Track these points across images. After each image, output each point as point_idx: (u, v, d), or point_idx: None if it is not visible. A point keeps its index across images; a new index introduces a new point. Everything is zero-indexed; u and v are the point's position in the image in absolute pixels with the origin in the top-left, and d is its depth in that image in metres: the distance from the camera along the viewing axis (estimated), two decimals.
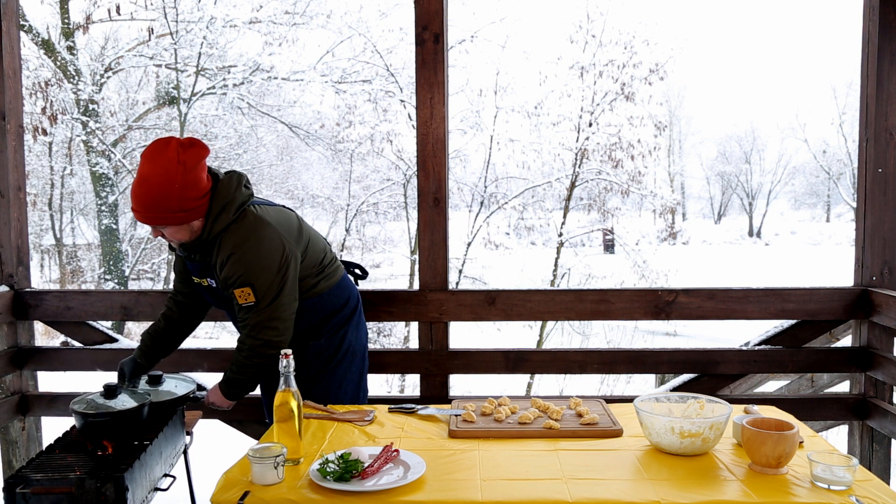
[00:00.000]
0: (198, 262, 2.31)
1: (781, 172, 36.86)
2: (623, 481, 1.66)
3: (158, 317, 2.55)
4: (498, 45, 10.85)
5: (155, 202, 2.13)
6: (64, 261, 14.83)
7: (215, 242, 2.23)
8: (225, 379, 2.37)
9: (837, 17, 50.02)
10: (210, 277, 2.31)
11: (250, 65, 11.02)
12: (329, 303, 2.44)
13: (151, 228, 2.23)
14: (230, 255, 2.19)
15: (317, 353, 2.43)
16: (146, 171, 2.14)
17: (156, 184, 2.12)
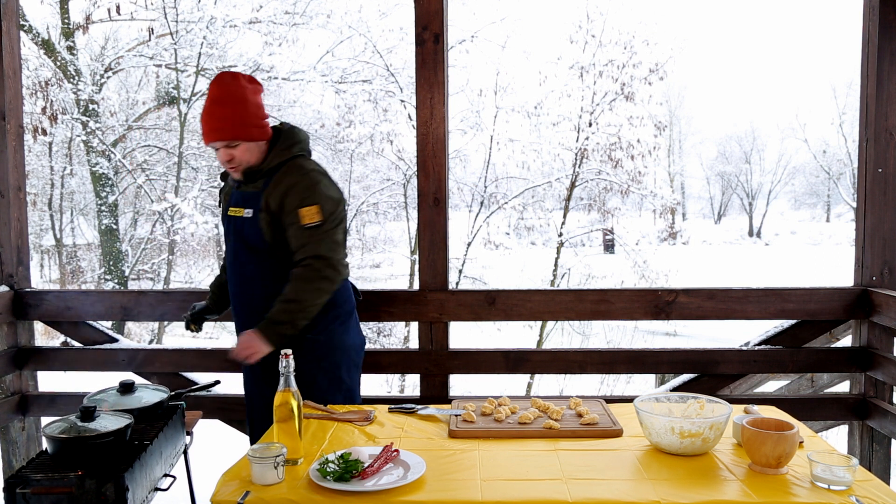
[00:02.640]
0: (246, 191, 2.37)
1: (781, 172, 36.88)
2: (623, 481, 1.66)
3: (220, 270, 2.68)
4: (498, 45, 10.86)
5: (233, 116, 2.27)
6: (64, 261, 14.83)
7: (273, 173, 2.33)
8: (268, 318, 2.28)
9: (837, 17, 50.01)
10: (252, 207, 2.34)
11: (250, 65, 11.01)
12: (337, 294, 2.44)
13: (222, 151, 2.30)
14: (300, 179, 2.31)
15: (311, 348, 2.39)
16: (220, 91, 2.29)
17: (232, 100, 2.28)
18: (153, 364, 3.14)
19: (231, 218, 2.43)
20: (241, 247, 2.39)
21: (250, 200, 2.36)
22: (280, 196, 2.30)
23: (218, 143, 2.30)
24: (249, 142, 2.31)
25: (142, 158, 12.40)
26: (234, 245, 2.42)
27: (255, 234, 2.34)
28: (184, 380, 3.15)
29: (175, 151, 11.84)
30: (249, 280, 2.40)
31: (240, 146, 2.30)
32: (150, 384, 2.31)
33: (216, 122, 2.28)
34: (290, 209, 2.29)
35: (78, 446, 1.77)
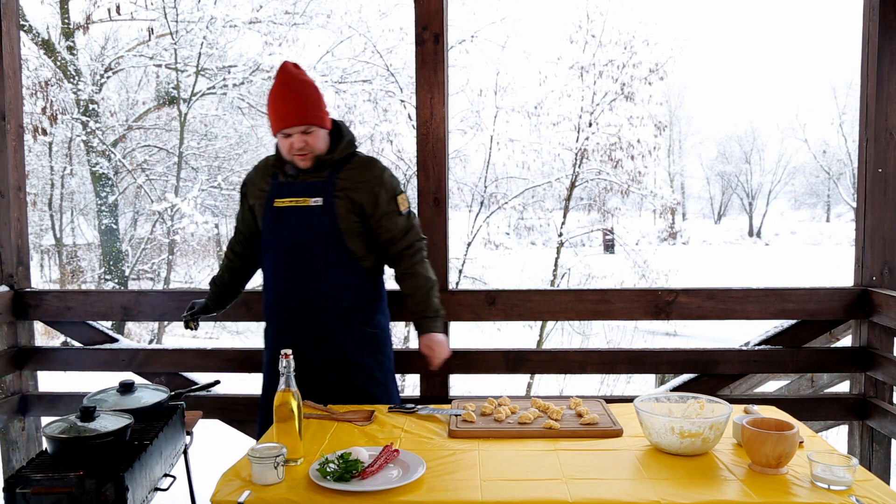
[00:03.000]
0: (308, 181, 2.35)
1: (781, 172, 36.89)
2: (623, 481, 1.66)
3: (221, 269, 2.66)
4: (498, 45, 10.85)
5: (308, 102, 2.30)
6: (64, 261, 14.82)
7: (341, 164, 2.37)
8: (431, 310, 2.42)
9: (837, 17, 50.01)
10: (321, 196, 2.32)
11: (250, 65, 11.01)
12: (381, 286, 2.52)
13: (297, 138, 2.29)
14: (382, 171, 2.41)
15: (371, 342, 2.44)
16: (292, 78, 2.30)
17: (306, 87, 2.31)
18: (153, 364, 3.14)
19: (287, 209, 2.35)
20: (308, 237, 2.34)
21: (317, 189, 2.33)
22: (370, 189, 2.35)
23: (295, 129, 2.28)
24: (322, 129, 2.34)
25: (142, 158, 12.40)
26: (294, 236, 2.35)
27: (329, 222, 2.32)
28: (184, 380, 3.15)
29: (175, 151, 11.84)
30: (317, 271, 2.35)
31: (313, 133, 2.31)
32: (150, 384, 2.30)
33: (295, 108, 2.27)
34: (387, 199, 2.37)
35: (78, 446, 1.77)
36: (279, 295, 2.41)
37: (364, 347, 2.41)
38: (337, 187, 2.33)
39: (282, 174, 2.40)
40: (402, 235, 2.40)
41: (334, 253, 2.33)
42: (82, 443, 1.77)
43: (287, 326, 2.40)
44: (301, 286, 2.36)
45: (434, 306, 2.43)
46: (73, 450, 1.77)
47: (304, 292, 2.36)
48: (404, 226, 2.41)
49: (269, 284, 2.44)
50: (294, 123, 2.27)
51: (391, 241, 2.40)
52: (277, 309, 2.43)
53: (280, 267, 2.39)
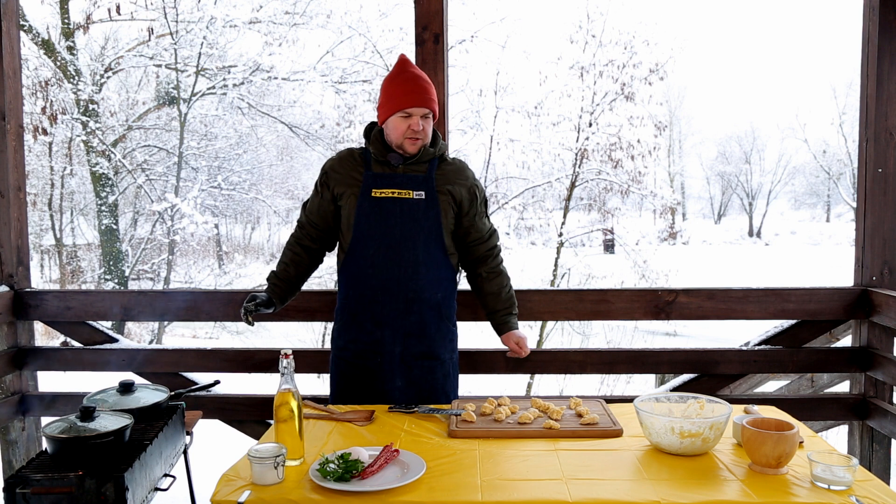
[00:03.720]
0: (409, 174, 2.38)
1: (781, 172, 36.90)
2: (623, 481, 1.66)
3: (285, 263, 2.56)
4: (498, 45, 10.86)
5: (432, 90, 2.39)
6: (64, 261, 14.83)
7: (437, 160, 2.42)
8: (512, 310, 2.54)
9: (837, 17, 50.03)
10: (422, 190, 2.36)
11: (250, 65, 11.02)
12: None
13: (418, 120, 2.34)
14: (471, 171, 2.50)
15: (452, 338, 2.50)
16: (414, 67, 2.41)
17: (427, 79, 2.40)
18: (153, 364, 3.14)
19: (389, 200, 2.35)
20: (412, 228, 2.35)
21: (418, 183, 2.37)
22: (468, 188, 2.43)
23: (420, 110, 2.33)
24: (434, 120, 2.41)
25: (142, 158, 12.41)
26: (398, 227, 2.34)
27: (433, 215, 2.36)
28: (184, 380, 3.14)
29: (175, 151, 11.85)
30: (417, 263, 2.35)
31: (429, 120, 2.37)
32: (150, 384, 2.30)
33: (423, 90, 2.34)
34: (480, 200, 2.48)
35: (78, 446, 1.77)
36: (375, 286, 2.37)
37: (447, 343, 2.46)
38: (438, 182, 2.38)
39: (377, 164, 2.40)
40: (489, 237, 2.50)
41: (433, 247, 2.37)
42: (82, 443, 1.77)
43: (381, 319, 2.37)
44: (400, 278, 2.35)
45: (516, 304, 2.56)
46: (73, 450, 1.77)
47: (403, 284, 2.36)
48: (490, 227, 2.52)
49: (361, 275, 2.39)
50: (421, 104, 2.33)
51: (479, 240, 2.48)
52: (370, 301, 2.38)
53: (378, 258, 2.36)
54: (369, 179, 2.37)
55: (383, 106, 2.38)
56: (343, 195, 2.41)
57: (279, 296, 2.55)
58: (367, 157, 2.42)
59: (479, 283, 2.53)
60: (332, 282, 12.64)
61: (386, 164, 2.39)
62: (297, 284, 2.59)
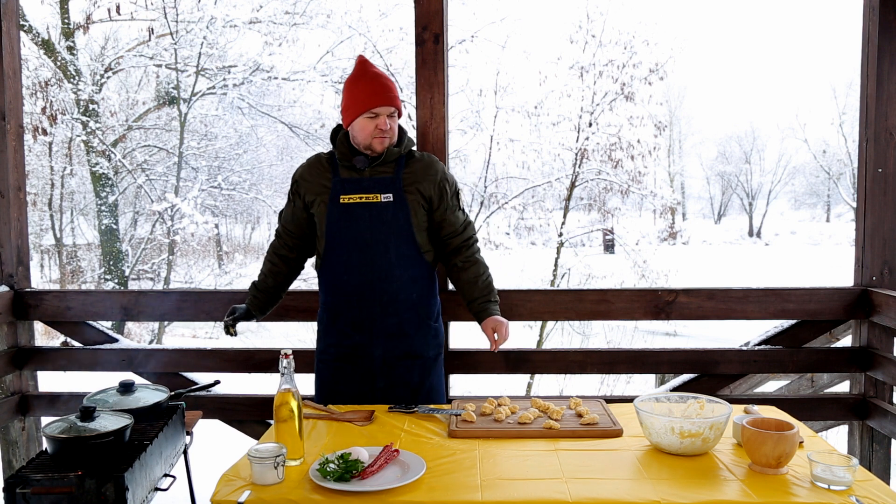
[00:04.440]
0: (376, 176, 2.38)
1: (781, 172, 36.89)
2: (623, 481, 1.66)
3: (264, 274, 2.59)
4: (498, 45, 10.85)
5: (395, 89, 2.40)
6: (64, 261, 14.82)
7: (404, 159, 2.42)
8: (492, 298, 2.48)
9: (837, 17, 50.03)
10: (390, 192, 2.36)
11: (250, 65, 11.01)
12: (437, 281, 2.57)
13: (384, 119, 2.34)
14: (440, 165, 2.48)
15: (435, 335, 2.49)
16: (374, 66, 2.41)
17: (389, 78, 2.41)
18: (153, 364, 3.14)
19: (357, 206, 2.36)
20: (382, 232, 2.36)
21: (386, 185, 2.37)
22: (437, 184, 2.42)
23: (386, 109, 2.33)
24: (399, 118, 2.41)
25: (142, 158, 12.41)
26: (367, 231, 2.36)
27: (402, 217, 2.36)
28: (184, 380, 3.15)
29: (175, 151, 11.84)
30: (390, 265, 2.37)
31: (394, 119, 2.37)
32: (150, 384, 2.30)
33: (388, 90, 2.35)
34: (451, 193, 2.46)
35: (78, 446, 1.77)
36: (350, 291, 2.40)
37: (429, 341, 2.46)
38: (405, 182, 2.38)
39: (345, 169, 2.40)
40: (463, 229, 2.49)
41: (406, 247, 2.38)
42: (82, 443, 1.77)
43: (359, 322, 2.40)
44: (374, 281, 2.37)
45: (495, 292, 2.52)
46: (73, 450, 1.77)
47: (377, 287, 2.37)
48: (464, 220, 2.50)
49: (336, 282, 2.42)
50: (387, 103, 2.33)
51: (453, 233, 2.47)
52: (347, 305, 2.41)
53: (351, 263, 2.38)
54: (337, 185, 2.38)
55: (349, 108, 2.38)
56: (314, 203, 2.42)
57: (258, 307, 2.58)
58: (334, 162, 2.43)
59: (455, 273, 2.52)
60: None
61: (353, 169, 2.39)
62: (276, 294, 2.61)
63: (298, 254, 2.57)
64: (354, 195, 2.36)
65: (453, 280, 2.55)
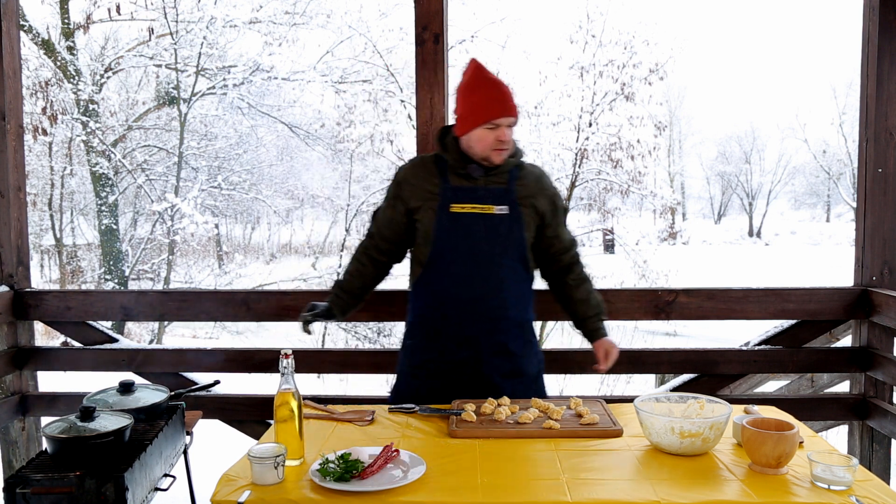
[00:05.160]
0: (490, 186, 2.26)
1: (781, 172, 36.89)
2: (623, 481, 1.66)
3: (350, 274, 2.46)
4: (498, 45, 10.88)
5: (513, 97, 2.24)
6: (64, 261, 14.82)
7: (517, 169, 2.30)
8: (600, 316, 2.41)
9: (837, 17, 50.03)
10: (505, 204, 2.24)
11: (250, 65, 11.02)
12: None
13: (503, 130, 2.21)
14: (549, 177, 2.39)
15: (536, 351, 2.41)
16: (490, 73, 2.26)
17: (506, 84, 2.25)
18: (153, 364, 3.14)
19: (469, 216, 2.23)
20: (497, 245, 2.24)
21: (500, 197, 2.25)
22: (549, 197, 2.32)
23: (510, 119, 2.20)
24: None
25: (142, 158, 12.41)
26: (480, 245, 2.23)
27: (517, 230, 2.25)
28: (184, 380, 3.15)
29: (175, 151, 11.85)
30: (501, 281, 2.25)
31: (512, 130, 2.25)
32: (150, 384, 2.30)
33: (511, 98, 2.22)
34: (560, 208, 2.36)
35: (78, 446, 1.77)
36: (457, 305, 2.27)
37: (532, 358, 2.38)
38: (519, 194, 2.26)
39: (455, 176, 2.26)
40: (571, 245, 2.39)
41: (517, 264, 2.27)
42: (82, 443, 1.77)
43: (466, 339, 2.27)
44: (484, 297, 2.25)
45: (604, 310, 2.44)
46: (73, 450, 1.77)
47: (487, 303, 2.26)
48: (571, 237, 2.41)
49: (442, 294, 2.29)
50: (508, 113, 2.20)
51: (563, 250, 2.37)
52: (452, 320, 2.28)
53: (461, 276, 2.25)
54: (448, 193, 2.24)
55: (466, 118, 2.22)
56: (419, 209, 2.28)
57: (340, 308, 2.46)
58: (442, 167, 2.28)
59: (566, 291, 2.41)
60: (331, 282, 12.64)
61: (465, 177, 2.25)
62: (360, 296, 2.49)
63: (389, 258, 2.46)
64: (467, 205, 2.23)
65: (562, 297, 2.44)
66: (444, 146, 2.30)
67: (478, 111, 2.19)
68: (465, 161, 2.26)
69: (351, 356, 3.25)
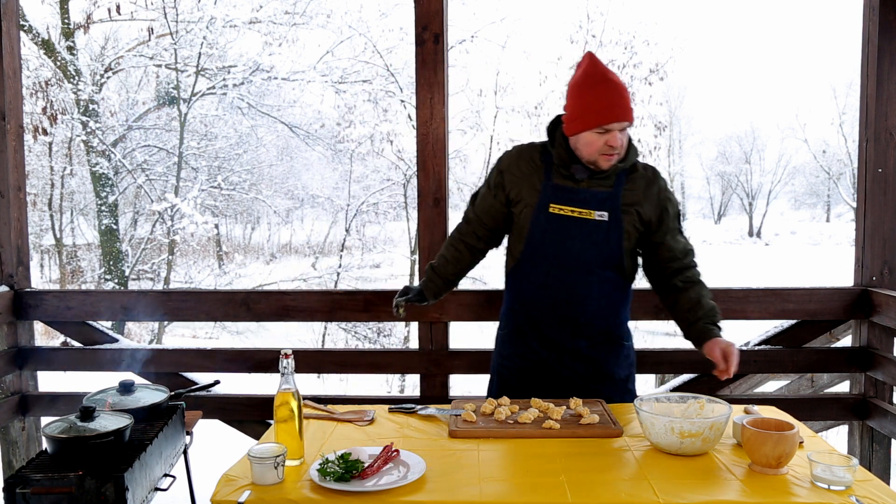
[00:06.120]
0: (594, 189, 2.13)
1: (781, 172, 36.88)
2: (623, 481, 1.66)
3: (445, 259, 2.42)
4: (498, 45, 10.88)
5: (629, 97, 2.11)
6: (64, 261, 14.82)
7: (628, 172, 2.16)
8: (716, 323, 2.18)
9: (837, 17, 50.02)
10: (607, 210, 2.11)
11: (250, 65, 11.02)
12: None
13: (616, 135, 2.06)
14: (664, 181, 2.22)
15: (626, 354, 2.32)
16: (607, 70, 2.11)
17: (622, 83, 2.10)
18: (153, 364, 3.14)
19: (568, 219, 2.13)
20: (591, 253, 2.14)
21: (603, 202, 2.12)
22: (658, 204, 2.17)
23: (623, 124, 2.06)
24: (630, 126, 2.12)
25: (142, 158, 12.40)
26: (575, 251, 2.14)
27: (614, 239, 2.13)
28: (184, 380, 3.15)
29: (175, 151, 11.85)
30: (591, 289, 2.17)
31: (626, 133, 2.10)
32: (150, 384, 2.30)
33: (627, 100, 2.07)
34: (672, 215, 2.20)
35: (78, 446, 1.77)
36: (543, 308, 2.22)
37: (621, 362, 2.30)
38: (624, 201, 2.13)
39: (558, 174, 2.15)
40: (682, 255, 2.22)
41: (611, 272, 2.18)
42: (82, 443, 1.77)
43: (548, 341, 2.25)
44: (571, 303, 2.19)
45: (719, 314, 2.21)
46: (73, 450, 1.77)
47: (574, 310, 2.20)
48: (684, 245, 2.23)
49: (530, 294, 2.24)
50: (622, 118, 2.05)
51: (671, 259, 2.21)
52: (537, 321, 2.25)
53: (549, 279, 2.19)
54: (548, 191, 2.15)
55: (576, 119, 2.09)
56: (518, 203, 2.20)
57: (433, 292, 2.44)
58: (547, 161, 2.18)
59: (672, 294, 2.25)
60: (331, 282, 12.65)
61: (569, 177, 2.14)
62: (453, 282, 2.46)
63: (487, 244, 2.39)
64: (566, 207, 2.12)
65: (668, 301, 2.27)
66: (551, 139, 2.20)
67: (588, 113, 2.06)
68: (571, 160, 2.14)
69: (351, 356, 3.25)
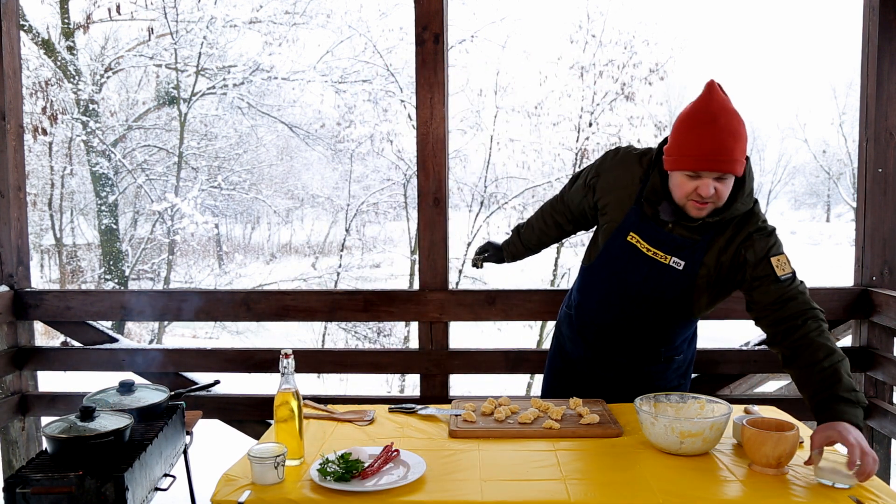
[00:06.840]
0: (679, 235, 1.96)
1: (781, 172, 36.87)
2: (623, 481, 1.66)
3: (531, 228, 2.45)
4: (498, 45, 10.86)
5: (739, 144, 1.79)
6: (64, 261, 14.81)
7: (726, 225, 1.94)
8: (846, 387, 1.73)
9: (837, 17, 49.99)
10: (686, 260, 1.95)
11: (250, 65, 11.02)
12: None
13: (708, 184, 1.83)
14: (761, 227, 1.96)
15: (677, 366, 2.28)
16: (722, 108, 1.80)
17: (738, 126, 1.80)
18: (153, 364, 3.14)
19: (641, 255, 2.01)
20: (654, 294, 2.04)
21: (682, 249, 1.96)
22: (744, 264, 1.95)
23: (711, 174, 1.81)
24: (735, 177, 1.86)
25: (142, 158, 12.40)
26: (640, 285, 2.04)
27: (685, 284, 2.00)
28: (184, 380, 3.15)
29: (175, 151, 11.85)
30: (647, 326, 2.13)
31: (726, 181, 1.84)
32: (150, 384, 2.30)
33: (722, 148, 1.78)
34: (754, 261, 1.93)
35: (78, 446, 1.77)
36: (597, 328, 2.21)
37: (671, 374, 2.27)
38: (707, 255, 1.96)
39: (648, 203, 1.98)
40: (780, 306, 1.89)
41: (673, 311, 2.10)
42: (82, 443, 1.77)
43: (597, 358, 2.25)
44: (625, 332, 2.16)
45: (847, 382, 1.74)
46: (73, 450, 1.77)
47: (626, 338, 2.18)
48: (780, 295, 1.90)
49: (585, 317, 2.23)
50: (719, 168, 1.80)
51: (763, 314, 1.96)
52: (589, 345, 2.25)
53: (608, 303, 2.15)
54: (632, 217, 2.01)
55: (671, 155, 1.88)
56: (605, 214, 2.10)
57: (512, 254, 2.54)
58: (645, 182, 2.01)
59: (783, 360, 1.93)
60: (331, 282, 12.64)
61: (654, 215, 1.97)
62: (534, 251, 2.52)
63: (574, 227, 2.35)
64: (644, 242, 1.99)
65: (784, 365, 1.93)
66: (658, 161, 1.99)
67: (681, 153, 1.84)
68: (664, 195, 1.95)
69: (351, 356, 3.25)
